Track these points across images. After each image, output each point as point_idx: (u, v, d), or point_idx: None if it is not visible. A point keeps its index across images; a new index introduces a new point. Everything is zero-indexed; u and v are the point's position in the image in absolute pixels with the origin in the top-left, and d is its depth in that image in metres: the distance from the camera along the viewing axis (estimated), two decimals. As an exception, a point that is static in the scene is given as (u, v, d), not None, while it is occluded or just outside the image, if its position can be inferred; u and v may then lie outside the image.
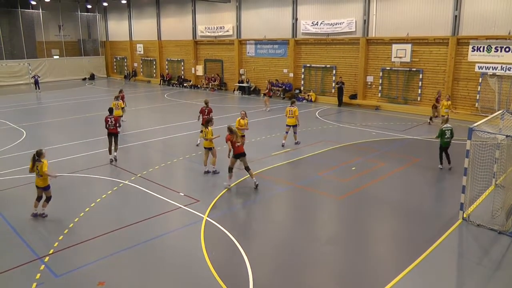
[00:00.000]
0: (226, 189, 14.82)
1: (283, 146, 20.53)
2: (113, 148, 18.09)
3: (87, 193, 14.63)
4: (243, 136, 17.36)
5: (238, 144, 14.69)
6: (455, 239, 11.50)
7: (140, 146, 21.26)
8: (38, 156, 12.15)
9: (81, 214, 12.73)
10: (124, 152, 20.06)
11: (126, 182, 15.61)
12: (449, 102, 24.80)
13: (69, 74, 56.35)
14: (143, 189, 14.92)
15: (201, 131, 17.41)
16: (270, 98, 36.06)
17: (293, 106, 20.52)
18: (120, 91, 27.16)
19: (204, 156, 16.73)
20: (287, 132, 20.85)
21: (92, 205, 13.44)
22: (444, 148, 17.02)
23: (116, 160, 18.23)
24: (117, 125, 18.13)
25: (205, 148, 16.54)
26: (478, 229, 11.84)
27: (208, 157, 16.58)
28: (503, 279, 9.51)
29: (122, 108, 24.83)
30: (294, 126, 20.69)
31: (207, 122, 16.44)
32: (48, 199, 12.50)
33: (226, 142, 14.79)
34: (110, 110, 18.65)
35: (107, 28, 60.02)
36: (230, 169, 14.91)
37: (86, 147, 20.77)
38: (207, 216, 12.54)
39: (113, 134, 17.89)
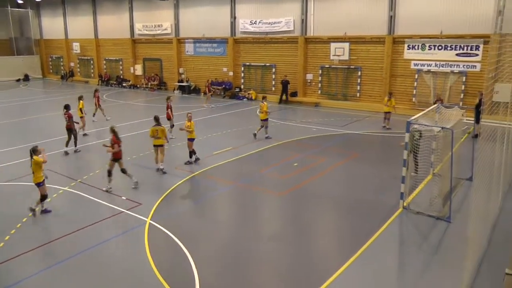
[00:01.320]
0: (108, 191, 14.45)
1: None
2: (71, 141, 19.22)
3: (24, 203, 13.57)
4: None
5: (114, 150, 14.37)
6: (396, 227, 11.98)
7: (80, 150, 20.11)
8: (34, 153, 12.35)
9: (18, 226, 12.04)
10: (63, 157, 19.04)
11: (66, 188, 14.90)
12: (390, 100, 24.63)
13: (1, 75, 52.52)
14: (83, 195, 14.36)
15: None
16: (211, 97, 35.75)
17: (263, 102, 21.72)
18: (96, 90, 27.40)
19: (155, 154, 16.83)
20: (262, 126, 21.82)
21: (29, 215, 12.67)
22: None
23: (67, 153, 19.20)
24: (71, 121, 19.20)
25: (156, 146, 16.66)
26: (417, 216, 12.46)
27: (158, 155, 16.66)
28: (441, 262, 10.00)
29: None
30: (264, 120, 21.58)
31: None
32: (41, 197, 12.57)
33: (113, 144, 14.33)
34: (66, 107, 19.43)
35: (41, 25, 56.99)
36: (110, 173, 14.56)
37: (21, 153, 19.15)
38: (150, 219, 12.30)
39: (68, 130, 19.09)
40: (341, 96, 32.66)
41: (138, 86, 45.35)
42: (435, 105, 16.02)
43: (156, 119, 16.75)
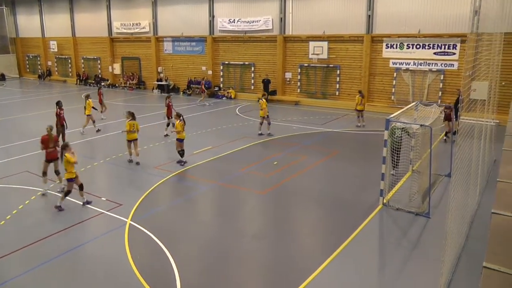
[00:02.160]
0: (42, 194, 14.14)
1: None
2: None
3: (2, 205, 13.47)
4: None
5: (51, 149, 14.18)
6: (376, 224, 12.10)
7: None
8: (64, 150, 12.67)
9: None
10: (41, 157, 18.46)
11: (44, 190, 14.49)
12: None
13: (-24, 74, 51.79)
14: None
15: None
16: (189, 96, 36.55)
17: (262, 99, 22.13)
18: (99, 88, 28.07)
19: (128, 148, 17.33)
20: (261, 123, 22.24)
21: (7, 217, 12.44)
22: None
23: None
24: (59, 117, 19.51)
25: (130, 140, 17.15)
26: (397, 212, 12.61)
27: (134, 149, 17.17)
28: (421, 257, 10.21)
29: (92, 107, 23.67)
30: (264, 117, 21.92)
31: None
32: (66, 193, 12.80)
33: (42, 143, 14.17)
34: (58, 103, 19.93)
35: (16, 23, 55.82)
36: (44, 173, 14.28)
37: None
38: (131, 220, 12.16)
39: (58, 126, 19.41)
40: (320, 95, 32.84)
41: (116, 85, 44.88)
42: (414, 103, 16.14)
43: (132, 114, 17.32)
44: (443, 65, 27.28)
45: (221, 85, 37.77)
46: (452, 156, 12.73)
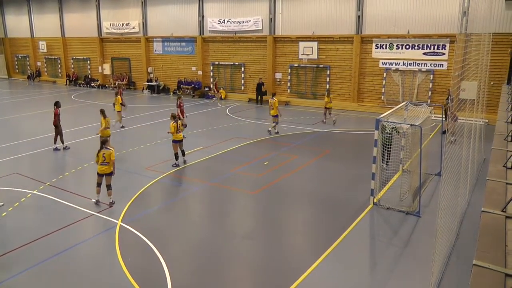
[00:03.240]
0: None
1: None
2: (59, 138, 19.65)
3: None
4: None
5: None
6: (367, 223, 12.17)
7: (48, 152, 19.55)
8: (104, 144, 12.90)
9: None
10: (31, 159, 18.63)
11: (34, 192, 14.45)
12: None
13: (-37, 75, 51.21)
14: (53, 198, 13.94)
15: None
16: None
17: (273, 98, 22.46)
18: (119, 87, 27.96)
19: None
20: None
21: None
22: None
23: (58, 149, 19.64)
24: (56, 118, 19.32)
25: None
26: (388, 211, 12.68)
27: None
28: (411, 255, 10.30)
29: (120, 104, 24.02)
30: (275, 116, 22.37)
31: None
32: (109, 186, 13.14)
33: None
34: (56, 103, 19.75)
35: (4, 23, 55.27)
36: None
37: None
38: (121, 221, 12.10)
39: (54, 126, 19.45)
40: (310, 95, 32.91)
41: (106, 86, 44.67)
42: (404, 103, 16.22)
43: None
44: (432, 65, 27.46)
45: (211, 86, 37.65)
46: (442, 155, 12.83)
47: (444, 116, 21.49)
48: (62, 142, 19.71)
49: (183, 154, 17.49)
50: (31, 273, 9.63)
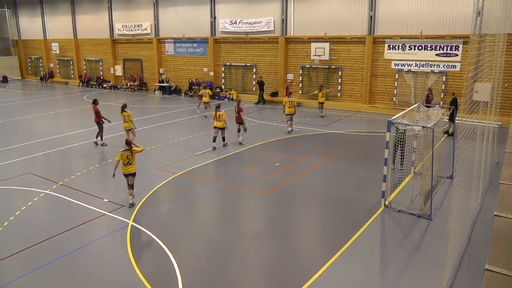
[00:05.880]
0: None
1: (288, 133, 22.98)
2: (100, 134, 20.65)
3: (5, 206, 13.49)
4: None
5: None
6: (378, 226, 12.07)
7: (60, 152, 19.73)
8: (128, 146, 13.01)
9: None
10: (44, 159, 18.80)
11: (47, 191, 14.59)
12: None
13: (-22, 76, 51.49)
14: (65, 197, 14.07)
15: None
16: (191, 98, 36.55)
17: (291, 97, 23.14)
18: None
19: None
20: (288, 121, 23.33)
21: (11, 218, 12.47)
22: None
23: (96, 144, 20.65)
24: (98, 115, 20.36)
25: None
26: (399, 214, 12.58)
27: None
28: (423, 258, 10.16)
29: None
30: (293, 114, 23.12)
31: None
32: (132, 186, 13.26)
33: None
34: (94, 101, 20.87)
35: (18, 25, 55.84)
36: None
37: (2, 156, 19.00)
38: (133, 221, 12.15)
39: (96, 123, 20.50)
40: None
41: (118, 87, 44.89)
42: (416, 104, 16.13)
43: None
44: (445, 66, 27.20)
45: (223, 87, 37.74)
46: (454, 158, 12.74)
47: (448, 118, 21.35)
48: (101, 138, 20.73)
49: (223, 140, 19.97)
50: (43, 272, 9.66)
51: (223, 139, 20.13)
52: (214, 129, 19.79)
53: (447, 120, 21.43)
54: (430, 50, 27.52)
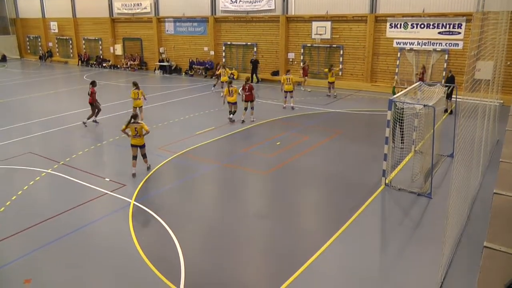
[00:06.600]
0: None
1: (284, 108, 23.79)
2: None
3: (7, 186, 13.56)
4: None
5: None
6: (378, 204, 12.13)
7: (61, 132, 19.76)
8: (135, 119, 13.75)
9: (1, 209, 11.82)
10: (45, 138, 18.79)
11: (49, 171, 14.62)
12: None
13: (-24, 56, 51.18)
14: (66, 177, 14.10)
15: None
16: (192, 77, 36.63)
17: (289, 74, 23.67)
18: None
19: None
20: (285, 97, 23.88)
21: (13, 198, 12.52)
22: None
23: (85, 124, 20.53)
24: (93, 96, 20.45)
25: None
26: (399, 193, 12.63)
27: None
28: (422, 237, 10.25)
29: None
30: (291, 91, 23.65)
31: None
32: (145, 155, 14.25)
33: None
34: (92, 83, 20.94)
35: (16, 4, 55.11)
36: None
37: (1, 136, 19.01)
38: (135, 200, 12.22)
39: (90, 104, 20.69)
40: (323, 75, 32.40)
41: (118, 66, 44.67)
42: (418, 83, 16.06)
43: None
44: (447, 44, 26.99)
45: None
46: (455, 137, 12.73)
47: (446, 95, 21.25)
48: (92, 119, 20.79)
49: (233, 114, 20.76)
50: (45, 250, 9.73)
51: (233, 113, 20.73)
52: (228, 104, 20.63)
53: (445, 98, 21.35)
54: (432, 28, 27.26)
